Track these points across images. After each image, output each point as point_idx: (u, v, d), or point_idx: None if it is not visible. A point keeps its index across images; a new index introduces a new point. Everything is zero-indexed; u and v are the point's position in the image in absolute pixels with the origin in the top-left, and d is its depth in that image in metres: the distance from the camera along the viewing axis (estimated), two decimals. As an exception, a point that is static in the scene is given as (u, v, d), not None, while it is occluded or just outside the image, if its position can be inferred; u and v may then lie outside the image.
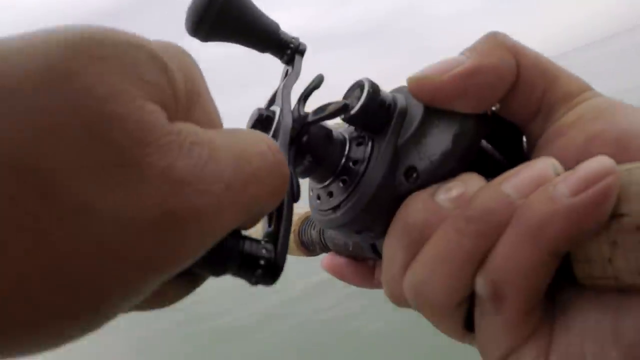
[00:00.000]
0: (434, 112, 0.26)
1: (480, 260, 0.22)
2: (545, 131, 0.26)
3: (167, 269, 0.16)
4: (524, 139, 0.28)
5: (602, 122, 0.24)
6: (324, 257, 0.39)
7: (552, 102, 0.26)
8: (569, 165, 0.22)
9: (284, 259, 0.22)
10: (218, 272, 0.21)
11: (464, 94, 0.25)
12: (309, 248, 0.41)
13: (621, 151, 0.22)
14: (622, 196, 0.20)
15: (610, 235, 0.20)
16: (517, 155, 0.28)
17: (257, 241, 0.21)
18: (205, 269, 0.20)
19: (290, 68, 0.31)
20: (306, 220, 0.41)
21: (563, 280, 0.22)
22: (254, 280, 0.21)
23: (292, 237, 0.42)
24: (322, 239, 0.38)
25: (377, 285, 0.35)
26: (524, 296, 0.21)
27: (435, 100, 0.25)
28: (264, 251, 0.21)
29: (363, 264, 0.36)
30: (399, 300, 0.27)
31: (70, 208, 0.14)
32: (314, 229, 0.39)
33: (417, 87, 0.26)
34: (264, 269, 0.21)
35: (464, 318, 0.24)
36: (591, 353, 0.20)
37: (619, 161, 0.20)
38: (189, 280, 0.21)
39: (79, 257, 0.14)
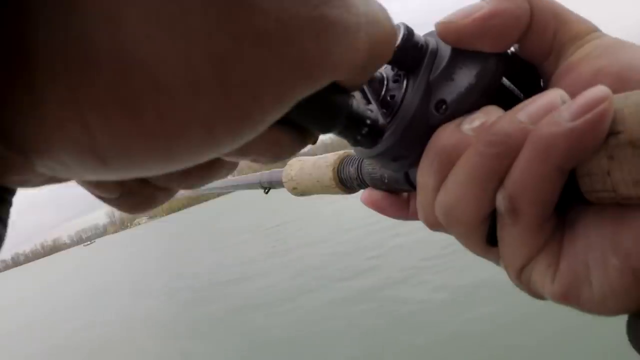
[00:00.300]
0: (460, 53, 0.29)
1: (499, 179, 0.25)
2: (557, 68, 0.29)
3: (312, 77, 0.18)
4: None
5: (605, 58, 0.26)
6: (362, 193, 0.43)
7: (563, 42, 0.28)
8: None
9: (385, 124, 0.23)
10: (327, 127, 0.22)
11: (485, 35, 0.27)
12: (347, 185, 0.46)
13: (622, 84, 0.24)
14: (618, 117, 0.22)
15: (608, 150, 0.22)
16: (535, 92, 0.32)
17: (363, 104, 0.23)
18: (316, 124, 0.22)
19: None
20: (344, 159, 0.46)
21: (572, 201, 0.25)
22: (358, 138, 0.23)
23: (331, 175, 0.47)
24: (360, 175, 0.42)
25: (411, 216, 0.39)
26: (536, 208, 0.24)
27: (459, 41, 0.28)
28: (369, 112, 0.23)
29: (398, 196, 0.39)
30: (433, 223, 0.30)
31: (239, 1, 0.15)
32: (352, 166, 0.44)
33: (444, 30, 0.28)
34: (369, 128, 0.23)
35: (487, 234, 0.27)
36: (593, 260, 0.23)
37: (620, 92, 0.23)
38: (300, 134, 0.23)
39: (243, 52, 0.16)
